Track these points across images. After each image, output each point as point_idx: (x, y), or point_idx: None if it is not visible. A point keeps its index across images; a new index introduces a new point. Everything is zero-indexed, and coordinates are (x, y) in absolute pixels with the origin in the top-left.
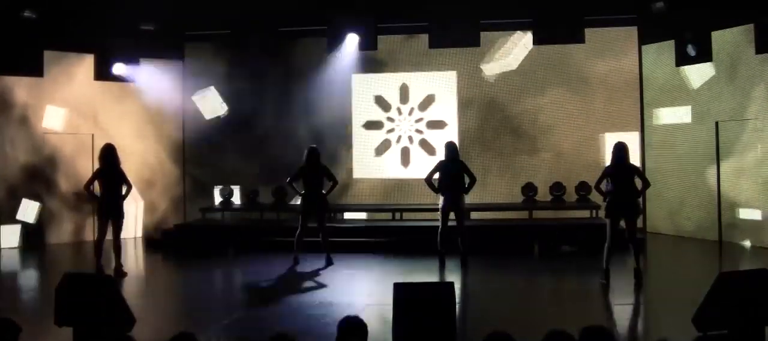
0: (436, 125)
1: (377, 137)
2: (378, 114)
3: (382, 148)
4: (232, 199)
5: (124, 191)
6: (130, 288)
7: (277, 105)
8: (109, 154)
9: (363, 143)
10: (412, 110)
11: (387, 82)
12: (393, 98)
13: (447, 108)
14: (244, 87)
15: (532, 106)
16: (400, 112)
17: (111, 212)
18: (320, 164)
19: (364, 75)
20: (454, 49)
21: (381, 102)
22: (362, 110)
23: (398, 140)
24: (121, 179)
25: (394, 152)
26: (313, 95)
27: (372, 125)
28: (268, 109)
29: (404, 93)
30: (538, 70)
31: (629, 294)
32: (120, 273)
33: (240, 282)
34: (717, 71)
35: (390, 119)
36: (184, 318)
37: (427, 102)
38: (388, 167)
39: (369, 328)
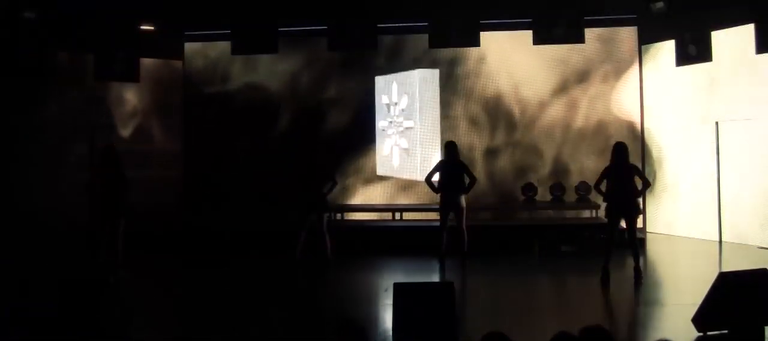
0: (436, 125)
1: (380, 137)
2: (381, 115)
3: (386, 148)
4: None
5: (124, 193)
6: (129, 289)
7: (278, 105)
8: (109, 155)
9: (366, 144)
10: (413, 110)
11: (387, 83)
12: (393, 99)
13: (447, 108)
14: (244, 86)
15: (532, 105)
16: (399, 112)
17: (110, 213)
18: (318, 163)
19: (364, 76)
20: (453, 49)
21: (383, 103)
22: (363, 110)
23: (399, 141)
24: (122, 180)
25: (396, 153)
26: (318, 95)
27: (373, 126)
28: (269, 109)
29: (403, 93)
30: (538, 69)
31: (629, 294)
32: (119, 275)
33: (238, 283)
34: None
35: (391, 122)
36: (182, 320)
37: (428, 103)
38: (391, 168)
39: (369, 328)
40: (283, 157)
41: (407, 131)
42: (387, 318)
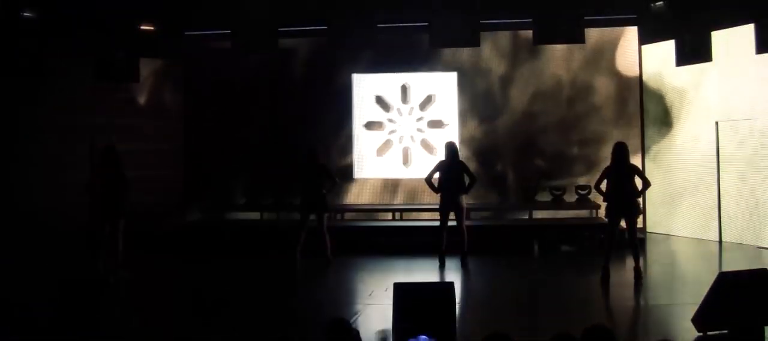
0: (436, 124)
1: (378, 137)
2: (378, 114)
3: (383, 148)
4: (232, 198)
5: (124, 193)
6: (129, 289)
7: (278, 104)
8: (109, 155)
9: (364, 143)
10: (412, 109)
11: (387, 82)
12: (393, 98)
13: (446, 108)
14: (244, 86)
15: (533, 105)
16: (400, 113)
17: (110, 213)
18: (318, 163)
19: (364, 75)
20: (454, 49)
21: (381, 102)
22: (363, 110)
23: (400, 140)
24: (122, 180)
25: (395, 152)
26: (314, 94)
27: (372, 126)
28: (269, 108)
29: (404, 93)
30: (538, 69)
31: (629, 294)
32: (119, 275)
33: (238, 282)
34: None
35: (391, 120)
36: (182, 320)
37: (427, 102)
38: (389, 167)
39: (370, 328)
40: (285, 149)
41: (426, 131)
42: (378, 317)
